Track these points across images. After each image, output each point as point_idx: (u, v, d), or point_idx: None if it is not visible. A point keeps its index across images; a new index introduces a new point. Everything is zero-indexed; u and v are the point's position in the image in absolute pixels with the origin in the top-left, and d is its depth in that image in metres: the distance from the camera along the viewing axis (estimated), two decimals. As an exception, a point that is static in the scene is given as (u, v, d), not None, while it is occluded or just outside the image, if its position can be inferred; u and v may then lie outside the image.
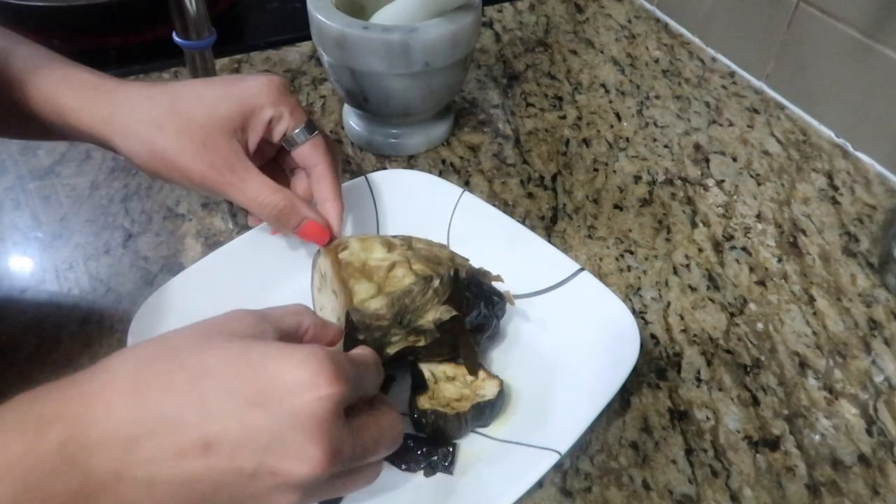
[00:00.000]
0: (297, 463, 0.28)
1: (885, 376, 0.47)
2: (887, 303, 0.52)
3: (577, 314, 0.46)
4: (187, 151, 0.41)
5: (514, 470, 0.39)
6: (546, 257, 0.49)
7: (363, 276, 0.42)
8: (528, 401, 0.44)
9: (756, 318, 0.51)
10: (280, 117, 0.44)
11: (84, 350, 0.46)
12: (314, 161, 0.45)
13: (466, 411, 0.40)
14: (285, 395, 0.28)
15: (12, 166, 0.60)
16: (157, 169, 0.42)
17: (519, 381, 0.45)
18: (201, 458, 0.28)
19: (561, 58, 0.78)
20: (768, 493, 0.41)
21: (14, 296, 0.50)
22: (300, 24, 0.63)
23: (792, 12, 0.68)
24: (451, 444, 0.41)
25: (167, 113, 0.41)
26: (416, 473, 0.40)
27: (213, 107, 0.41)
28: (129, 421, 0.28)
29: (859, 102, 0.64)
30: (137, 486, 0.28)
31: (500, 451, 0.41)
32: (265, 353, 0.30)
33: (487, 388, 0.42)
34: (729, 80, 0.75)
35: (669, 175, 0.63)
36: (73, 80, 0.41)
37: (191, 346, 0.30)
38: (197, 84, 0.43)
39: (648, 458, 0.42)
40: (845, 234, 0.58)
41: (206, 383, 0.28)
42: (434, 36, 0.54)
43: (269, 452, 0.28)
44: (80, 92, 0.41)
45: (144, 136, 0.41)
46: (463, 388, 0.43)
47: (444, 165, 0.63)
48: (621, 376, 0.41)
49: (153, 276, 0.52)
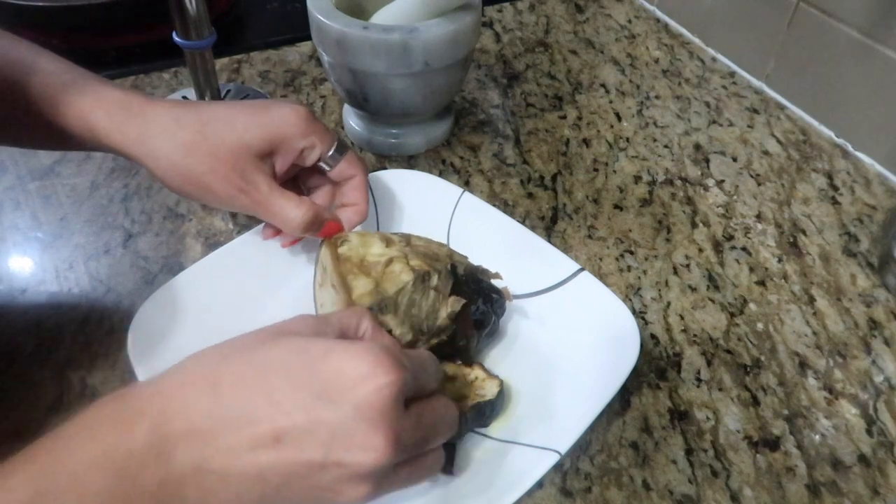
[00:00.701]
0: (363, 453, 0.29)
1: (885, 376, 0.47)
2: (887, 303, 0.52)
3: (577, 314, 0.46)
4: (218, 175, 0.43)
5: (514, 470, 0.39)
6: (546, 257, 0.49)
7: (361, 271, 0.43)
8: (529, 401, 0.44)
9: (756, 318, 0.51)
10: (312, 146, 0.46)
11: (84, 350, 0.46)
12: (352, 174, 0.48)
13: (467, 411, 0.40)
14: (347, 387, 0.30)
15: (12, 166, 0.60)
16: (188, 191, 0.44)
17: (519, 381, 0.45)
18: (272, 451, 0.29)
19: (561, 58, 0.78)
20: (768, 493, 0.41)
21: (14, 296, 0.50)
22: (300, 24, 0.63)
23: (792, 12, 0.68)
24: (451, 445, 0.41)
25: (197, 137, 0.43)
26: None
27: (243, 132, 0.43)
28: (206, 415, 0.29)
29: (859, 102, 0.64)
30: (215, 477, 0.29)
31: (500, 451, 0.41)
32: (327, 347, 0.31)
33: (487, 388, 0.42)
34: (729, 80, 0.75)
35: (669, 175, 0.63)
36: (104, 100, 0.43)
37: (258, 345, 0.32)
38: (226, 108, 0.45)
39: (648, 459, 0.42)
40: (845, 234, 0.58)
41: (274, 378, 0.30)
42: (434, 36, 0.54)
43: (335, 444, 0.29)
44: (111, 112, 0.43)
45: (175, 159, 0.43)
46: (463, 387, 0.43)
47: (444, 165, 0.63)
48: (621, 376, 0.41)
49: (153, 276, 0.52)
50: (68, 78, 0.43)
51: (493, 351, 0.47)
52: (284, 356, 0.31)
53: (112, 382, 0.45)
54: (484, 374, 0.43)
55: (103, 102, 0.43)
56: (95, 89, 0.43)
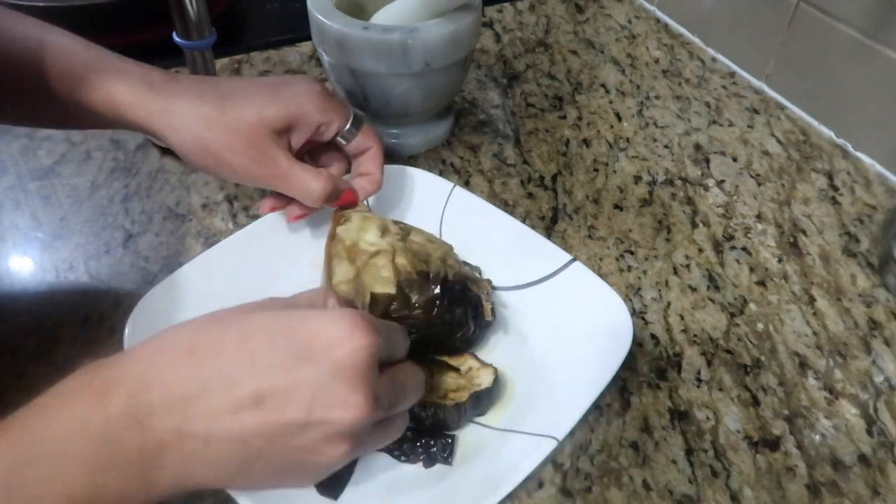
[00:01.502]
0: (343, 410, 0.30)
1: (886, 376, 0.47)
2: (887, 303, 0.52)
3: (569, 303, 0.47)
4: (235, 148, 0.44)
5: (513, 458, 0.39)
6: (538, 249, 0.50)
7: (348, 256, 0.44)
8: (525, 389, 0.44)
9: (756, 319, 0.51)
10: (329, 122, 0.47)
11: (84, 350, 0.46)
12: (369, 145, 0.50)
13: (465, 401, 0.41)
14: (327, 348, 0.30)
15: (12, 166, 0.60)
16: (206, 163, 0.45)
17: (514, 371, 0.45)
18: (254, 412, 0.30)
19: (561, 58, 0.78)
20: (768, 493, 0.41)
21: (14, 296, 0.50)
22: (300, 25, 0.63)
23: (792, 12, 0.68)
24: (450, 436, 0.41)
25: (217, 112, 0.44)
26: (416, 465, 0.40)
27: (262, 108, 0.45)
28: (185, 380, 0.30)
29: (860, 102, 0.64)
30: (196, 441, 0.29)
31: (498, 439, 0.41)
32: (303, 314, 0.32)
33: (483, 377, 0.43)
34: (729, 80, 0.75)
35: (670, 175, 0.63)
36: (126, 76, 0.44)
37: (235, 314, 0.33)
38: (245, 84, 0.47)
39: (648, 459, 0.42)
40: (845, 234, 0.58)
41: (254, 342, 0.31)
42: (434, 36, 0.54)
43: (316, 403, 0.30)
44: (134, 87, 0.44)
45: (195, 132, 0.44)
46: (459, 378, 0.43)
47: (444, 165, 0.63)
48: (616, 362, 0.42)
49: (153, 276, 0.52)
50: (88, 55, 0.44)
51: (487, 342, 0.47)
52: (263, 321, 0.32)
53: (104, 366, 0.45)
54: (477, 363, 0.44)
55: (125, 78, 0.44)
56: (116, 65, 0.45)
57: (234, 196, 0.58)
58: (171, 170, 0.61)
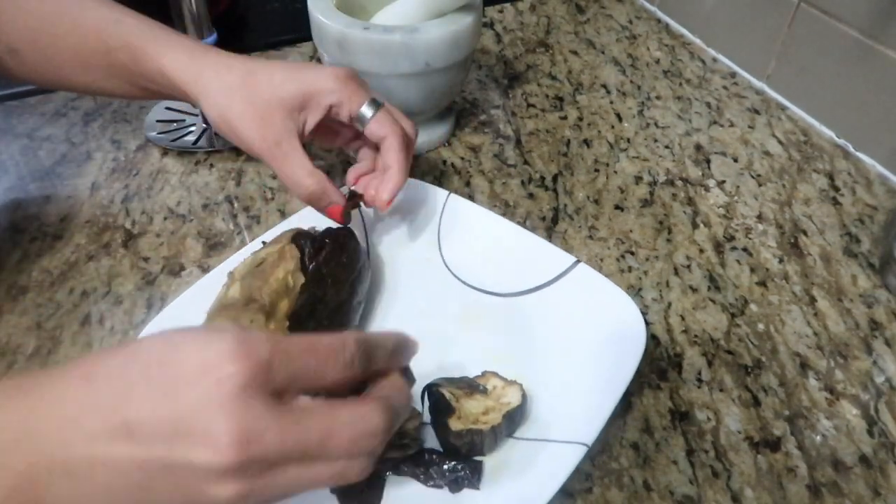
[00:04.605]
0: (205, 449, 0.27)
1: (886, 377, 0.47)
2: (888, 303, 0.52)
3: (578, 306, 0.47)
4: (246, 121, 0.46)
5: (543, 468, 0.39)
6: (541, 253, 0.50)
7: None
8: (547, 397, 0.43)
9: (757, 319, 0.51)
10: (341, 102, 0.47)
11: (84, 351, 0.46)
12: (383, 133, 0.48)
13: (499, 423, 0.40)
14: (192, 379, 0.27)
15: (13, 167, 0.60)
16: (222, 129, 0.48)
17: (532, 380, 0.44)
18: (125, 445, 0.27)
19: (562, 58, 0.78)
20: (769, 493, 0.41)
21: (14, 296, 0.50)
22: (300, 25, 0.63)
23: (793, 13, 0.68)
24: (478, 461, 0.40)
25: (239, 84, 0.47)
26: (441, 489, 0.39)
27: (279, 86, 0.46)
28: (75, 402, 0.28)
29: (860, 103, 0.64)
30: (82, 466, 0.28)
31: (527, 450, 0.41)
32: (184, 338, 0.29)
33: (511, 395, 0.42)
34: (730, 80, 0.75)
35: (670, 176, 0.63)
36: (174, 45, 0.48)
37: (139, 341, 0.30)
38: (271, 64, 0.48)
39: (649, 459, 0.42)
40: (846, 234, 0.58)
41: (133, 369, 0.28)
42: (435, 36, 0.54)
43: (175, 441, 0.27)
44: (178, 56, 0.48)
45: (218, 99, 0.47)
46: (485, 400, 0.42)
47: (444, 166, 0.62)
48: (633, 361, 0.41)
49: (154, 276, 0.51)
50: (148, 29, 0.49)
51: (501, 352, 0.46)
52: (151, 347, 0.29)
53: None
54: (501, 381, 0.43)
55: (173, 47, 0.48)
56: (168, 37, 0.49)
57: (234, 196, 0.58)
58: (171, 170, 0.61)
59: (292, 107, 0.46)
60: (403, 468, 0.39)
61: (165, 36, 0.49)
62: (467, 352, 0.46)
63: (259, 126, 0.46)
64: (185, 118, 0.66)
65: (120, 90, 0.52)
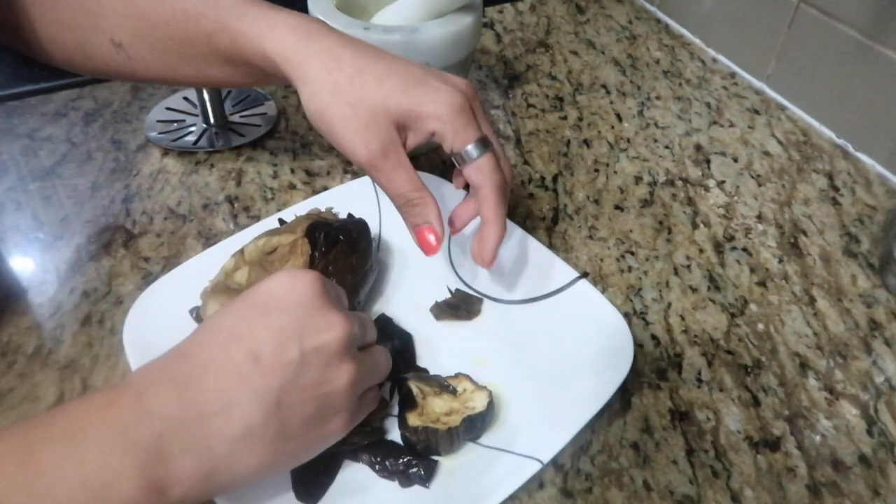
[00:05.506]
0: (328, 330, 0.34)
1: (886, 377, 0.47)
2: (888, 303, 0.52)
3: (571, 323, 0.46)
4: (349, 125, 0.43)
5: (494, 478, 0.39)
6: (544, 264, 0.49)
7: None
8: (518, 408, 0.43)
9: (757, 319, 0.51)
10: (444, 134, 0.43)
11: (84, 351, 0.46)
12: (478, 182, 0.44)
13: (458, 426, 0.40)
14: (284, 295, 0.34)
15: (13, 167, 0.60)
16: (319, 125, 0.45)
17: (509, 388, 0.44)
18: (256, 369, 0.32)
19: (562, 58, 0.78)
20: (769, 493, 0.41)
21: (15, 296, 0.50)
22: (301, 25, 0.63)
23: (793, 13, 0.68)
24: (432, 460, 0.40)
25: (346, 83, 0.43)
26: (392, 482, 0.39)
27: (388, 95, 0.43)
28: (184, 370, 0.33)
29: (860, 103, 0.64)
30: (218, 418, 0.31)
31: (486, 457, 0.40)
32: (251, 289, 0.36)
33: (477, 400, 0.41)
34: (730, 80, 0.75)
35: (670, 176, 0.63)
36: (275, 24, 0.45)
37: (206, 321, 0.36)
38: (387, 64, 0.44)
39: (649, 459, 0.42)
40: (846, 234, 0.58)
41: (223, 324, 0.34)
42: (435, 37, 0.54)
43: (303, 336, 0.33)
44: (280, 35, 0.44)
45: (320, 93, 0.43)
46: (452, 401, 0.42)
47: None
48: (612, 386, 0.41)
49: (154, 276, 0.51)
50: (247, 8, 0.46)
51: (484, 357, 0.46)
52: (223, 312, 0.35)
53: (113, 383, 0.45)
54: (472, 385, 0.43)
55: (275, 27, 0.44)
56: (268, 16, 0.45)
57: (234, 197, 0.58)
58: (171, 170, 0.61)
59: (397, 121, 0.43)
60: (361, 455, 0.40)
61: (264, 14, 0.45)
62: (449, 352, 0.46)
63: (363, 134, 0.43)
64: (186, 118, 0.66)
65: (231, 78, 0.49)
